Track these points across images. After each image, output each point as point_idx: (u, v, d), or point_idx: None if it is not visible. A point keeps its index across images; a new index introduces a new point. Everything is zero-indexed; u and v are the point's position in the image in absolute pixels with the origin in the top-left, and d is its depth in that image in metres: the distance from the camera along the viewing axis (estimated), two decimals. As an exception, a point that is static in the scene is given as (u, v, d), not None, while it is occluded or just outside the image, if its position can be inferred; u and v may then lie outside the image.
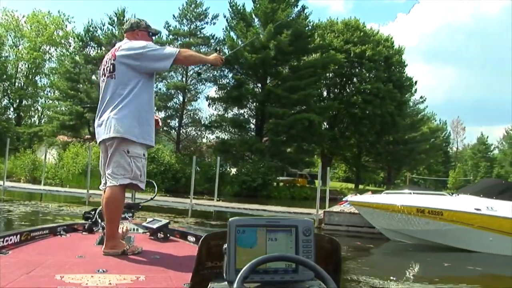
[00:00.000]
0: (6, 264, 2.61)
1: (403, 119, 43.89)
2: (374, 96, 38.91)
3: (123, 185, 3.29)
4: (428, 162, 59.18)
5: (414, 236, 11.13)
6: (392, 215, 11.45)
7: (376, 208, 11.88)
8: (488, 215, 10.32)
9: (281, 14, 35.94)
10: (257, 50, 35.40)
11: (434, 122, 70.35)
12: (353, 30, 42.33)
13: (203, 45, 39.61)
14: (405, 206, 11.08)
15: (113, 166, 3.30)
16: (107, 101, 3.35)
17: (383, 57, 42.07)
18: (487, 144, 79.32)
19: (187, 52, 3.52)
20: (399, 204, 11.18)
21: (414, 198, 11.62)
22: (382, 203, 11.84)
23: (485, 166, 74.65)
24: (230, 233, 1.55)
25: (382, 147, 44.34)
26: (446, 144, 74.22)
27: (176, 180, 31.15)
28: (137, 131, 3.31)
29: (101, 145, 3.43)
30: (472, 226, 10.36)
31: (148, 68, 3.34)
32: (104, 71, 3.42)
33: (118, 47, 3.45)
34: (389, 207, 11.47)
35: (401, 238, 11.54)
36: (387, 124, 40.40)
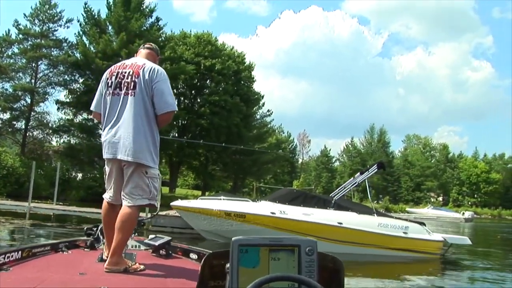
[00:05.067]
0: (7, 281, 2.65)
1: (248, 130, 47.47)
2: (221, 108, 42.31)
3: (140, 205, 3.48)
4: (274, 171, 63.98)
5: (224, 236, 12.43)
6: (206, 218, 13.02)
7: (194, 212, 13.41)
8: (280, 218, 12.35)
9: (134, 24, 38.00)
10: (109, 56, 36.47)
11: (282, 134, 76.43)
12: (205, 44, 45.48)
13: (55, 47, 39.79)
14: (216, 210, 12.72)
15: (131, 187, 3.44)
16: (126, 119, 3.45)
17: (233, 72, 45.79)
18: (330, 156, 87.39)
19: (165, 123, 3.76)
20: (214, 209, 12.79)
21: (224, 203, 13.25)
22: (198, 207, 13.41)
23: (326, 177, 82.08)
24: (232, 253, 1.59)
25: (228, 157, 46.96)
26: (293, 156, 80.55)
27: (20, 184, 30.67)
28: (154, 155, 3.53)
29: (113, 160, 3.55)
30: (268, 227, 12.21)
31: (158, 104, 3.52)
32: (120, 85, 3.52)
33: (141, 64, 3.60)
34: (204, 211, 13.08)
35: (215, 237, 13.04)
36: (233, 135, 43.60)
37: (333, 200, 13.36)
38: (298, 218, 12.44)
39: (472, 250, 16.33)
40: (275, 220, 12.36)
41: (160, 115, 3.52)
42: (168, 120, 3.67)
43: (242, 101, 45.30)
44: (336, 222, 12.43)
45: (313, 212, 12.65)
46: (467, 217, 49.67)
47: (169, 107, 3.53)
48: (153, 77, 3.49)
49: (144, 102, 3.46)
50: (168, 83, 3.60)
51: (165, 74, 3.60)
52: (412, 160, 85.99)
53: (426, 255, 13.03)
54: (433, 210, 57.07)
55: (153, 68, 3.55)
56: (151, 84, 3.47)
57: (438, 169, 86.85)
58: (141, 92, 3.45)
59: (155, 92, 3.47)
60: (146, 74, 3.48)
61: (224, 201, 13.68)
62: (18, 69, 39.35)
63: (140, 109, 3.44)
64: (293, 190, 17.18)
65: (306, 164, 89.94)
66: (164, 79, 3.56)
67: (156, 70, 3.54)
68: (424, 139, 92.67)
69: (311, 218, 12.43)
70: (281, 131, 77.10)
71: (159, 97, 3.48)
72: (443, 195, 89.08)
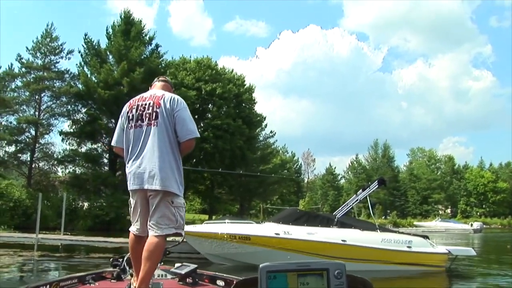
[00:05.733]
0: None
1: (252, 152, 47.76)
2: (224, 132, 42.67)
3: (167, 235, 3.50)
4: (280, 192, 64.11)
5: (230, 259, 12.68)
6: (212, 242, 13.08)
7: (199, 237, 13.40)
8: (285, 238, 12.51)
9: (134, 52, 38.51)
10: (110, 86, 37.27)
11: (287, 154, 76.66)
12: (205, 69, 46.06)
13: (57, 79, 40.31)
14: (221, 233, 12.81)
15: (157, 216, 3.47)
16: (150, 149, 3.53)
17: (233, 95, 46.32)
18: (335, 174, 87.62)
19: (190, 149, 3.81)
20: (219, 232, 12.87)
21: (228, 226, 13.39)
22: (204, 231, 13.48)
23: (333, 195, 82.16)
24: (261, 279, 1.60)
25: (233, 180, 47.21)
26: (298, 175, 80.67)
27: (27, 216, 30.63)
28: (179, 183, 3.58)
29: (139, 191, 3.59)
30: (273, 248, 12.34)
31: (181, 131, 3.61)
32: (142, 117, 3.61)
33: (161, 95, 3.70)
34: (209, 235, 13.15)
35: (222, 261, 13.03)
36: (237, 157, 43.95)
37: (336, 218, 13.54)
38: (302, 237, 12.61)
39: (480, 261, 16.40)
40: (280, 240, 12.52)
41: (183, 142, 3.61)
42: (191, 146, 3.73)
43: (244, 123, 45.68)
44: (340, 239, 12.58)
45: (317, 231, 12.81)
46: (476, 228, 49.45)
47: (192, 134, 3.62)
48: (174, 106, 3.59)
49: (167, 131, 3.54)
50: (188, 111, 3.68)
51: (184, 102, 3.70)
52: (418, 174, 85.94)
53: (432, 268, 13.12)
54: (441, 222, 56.91)
55: (173, 97, 3.65)
56: (172, 113, 3.56)
57: (444, 181, 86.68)
58: (163, 122, 3.53)
59: (177, 120, 3.56)
60: (167, 103, 3.58)
61: (228, 224, 13.84)
62: (22, 102, 39.75)
63: (164, 138, 3.52)
64: (296, 210, 17.32)
65: (312, 183, 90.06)
66: (185, 107, 3.66)
67: (176, 99, 3.65)
68: (429, 151, 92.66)
69: (315, 237, 12.59)
70: (285, 151, 77.70)
71: (181, 125, 3.57)
72: (451, 207, 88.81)
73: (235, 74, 49.80)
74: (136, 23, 40.99)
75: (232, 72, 49.94)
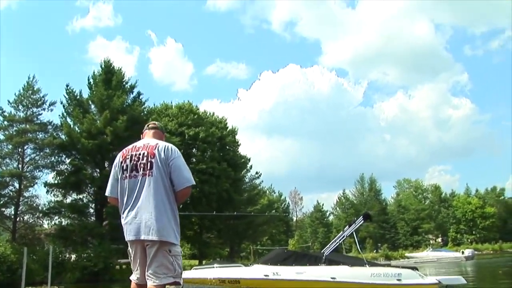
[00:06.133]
0: None
1: (239, 195, 47.75)
2: (209, 175, 42.53)
3: (165, 284, 3.51)
4: (269, 233, 63.77)
5: None
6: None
7: (189, 283, 13.05)
8: (274, 280, 12.48)
9: (116, 101, 38.75)
10: (93, 135, 37.25)
11: (274, 194, 76.64)
12: (187, 113, 46.52)
13: (40, 131, 40.03)
14: (211, 278, 12.67)
15: (155, 266, 3.49)
16: (146, 199, 3.55)
17: (217, 138, 46.53)
18: (323, 210, 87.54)
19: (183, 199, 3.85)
20: (208, 277, 12.75)
21: (217, 271, 13.34)
22: (193, 277, 13.28)
23: (323, 232, 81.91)
24: None
25: (221, 223, 47.11)
26: (286, 214, 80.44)
27: (12, 271, 29.29)
28: (176, 232, 3.61)
29: (136, 241, 3.62)
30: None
31: (177, 180, 3.66)
32: (136, 167, 3.64)
33: (154, 144, 3.74)
34: (199, 281, 13.00)
35: None
36: (224, 200, 43.91)
37: (324, 256, 13.57)
38: (291, 277, 12.57)
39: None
40: (269, 282, 12.51)
41: (180, 191, 3.63)
42: (188, 194, 3.76)
43: (229, 166, 45.79)
44: (329, 277, 12.55)
45: (306, 270, 12.79)
46: (468, 255, 49.48)
47: (188, 182, 3.64)
48: (169, 155, 3.62)
49: (163, 180, 3.56)
50: (182, 159, 3.73)
51: (178, 150, 3.76)
52: (406, 205, 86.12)
53: None
54: (432, 252, 56.89)
55: (167, 146, 3.70)
56: (167, 162, 3.59)
57: (433, 210, 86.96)
58: (158, 171, 3.56)
59: (172, 169, 3.59)
60: (162, 153, 3.62)
61: (217, 268, 13.79)
62: (5, 155, 39.31)
63: (160, 187, 3.54)
64: (284, 250, 17.35)
65: (301, 221, 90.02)
66: (179, 156, 3.70)
67: (170, 148, 3.70)
68: (415, 182, 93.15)
69: (304, 276, 12.55)
70: (272, 191, 77.62)
71: (177, 173, 3.60)
72: (441, 236, 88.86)
73: (217, 117, 50.22)
74: (117, 72, 41.38)
75: (213, 115, 50.34)
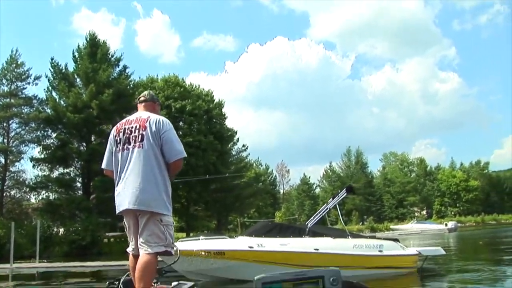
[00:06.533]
0: None
1: (226, 167, 47.76)
2: (196, 148, 42.49)
3: (158, 253, 3.56)
4: (256, 205, 64.26)
5: (207, 274, 12.68)
6: (188, 259, 12.66)
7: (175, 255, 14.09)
8: (258, 251, 12.54)
9: (102, 74, 38.62)
10: (79, 109, 37.22)
11: (260, 167, 77.00)
12: (173, 86, 46.29)
13: (25, 105, 40.04)
14: (196, 250, 12.57)
15: (146, 234, 3.54)
16: (135, 170, 3.61)
17: (203, 111, 46.37)
18: (310, 183, 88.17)
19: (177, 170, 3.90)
20: (194, 249, 12.60)
21: (203, 243, 13.31)
22: (179, 249, 14.02)
23: (309, 204, 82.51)
24: None
25: (209, 196, 47.10)
26: (273, 187, 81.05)
27: (0, 246, 29.29)
28: (167, 202, 3.69)
29: (128, 212, 3.67)
30: (248, 261, 12.33)
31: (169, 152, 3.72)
32: (129, 140, 3.71)
33: (146, 117, 3.80)
34: (184, 253, 12.38)
35: (199, 277, 12.88)
36: (211, 173, 43.88)
37: (307, 228, 13.83)
38: (275, 249, 12.74)
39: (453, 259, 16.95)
40: (253, 253, 12.60)
41: (171, 163, 3.70)
42: (180, 166, 3.81)
43: (216, 139, 45.83)
44: (313, 248, 12.77)
45: (290, 241, 12.99)
46: (451, 227, 50.35)
47: (180, 154, 3.72)
48: (160, 127, 3.68)
49: (154, 152, 3.62)
50: (174, 131, 3.81)
51: (170, 123, 3.81)
52: (392, 178, 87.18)
53: (403, 269, 13.48)
54: (417, 224, 57.92)
55: (159, 119, 3.76)
56: (159, 135, 3.65)
57: (418, 184, 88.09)
58: (149, 143, 3.62)
59: (164, 142, 3.65)
60: (153, 126, 3.68)
61: (203, 240, 13.86)
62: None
63: (151, 159, 3.59)
64: (268, 222, 17.54)
65: (288, 194, 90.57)
66: (171, 128, 3.77)
67: (162, 121, 3.76)
68: (401, 155, 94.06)
69: (288, 248, 12.75)
70: (259, 164, 77.97)
71: (169, 146, 3.67)
72: (426, 208, 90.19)
73: (203, 90, 50.03)
74: (102, 45, 41.11)
75: (198, 87, 50.15)
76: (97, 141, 40.07)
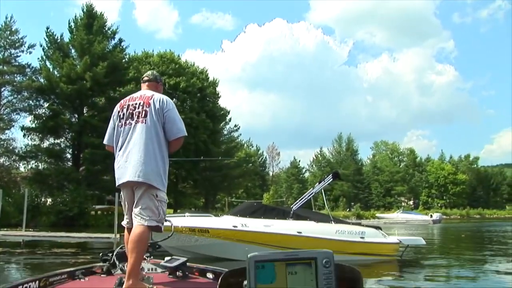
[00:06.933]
0: None
1: (216, 146, 48.04)
2: (188, 126, 41.43)
3: (150, 227, 3.60)
4: (244, 186, 64.67)
5: (190, 251, 12.63)
6: (173, 235, 13.95)
7: None
8: (242, 230, 12.76)
9: (97, 47, 38.47)
10: (73, 80, 37.15)
11: (251, 148, 77.22)
12: (168, 63, 46.37)
13: (18, 73, 39.80)
14: (181, 227, 12.69)
15: (141, 207, 3.59)
16: (137, 144, 3.69)
17: (197, 89, 46.47)
18: (300, 167, 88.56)
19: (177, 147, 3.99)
20: (179, 226, 12.63)
21: (188, 220, 13.55)
22: (164, 225, 14.34)
23: (297, 187, 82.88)
24: (249, 269, 1.61)
25: (198, 174, 47.44)
26: (263, 168, 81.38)
27: None
28: (163, 179, 3.72)
29: (125, 184, 3.73)
30: (231, 240, 12.61)
31: (171, 130, 3.77)
32: (132, 115, 3.80)
33: (150, 95, 3.88)
34: (169, 229, 13.87)
35: (182, 253, 12.88)
36: (202, 152, 44.04)
37: (292, 211, 14.06)
38: (259, 229, 12.94)
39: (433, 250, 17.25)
40: (237, 233, 12.83)
41: (172, 141, 3.78)
42: (180, 144, 3.91)
43: (208, 117, 46.00)
44: (296, 231, 12.99)
45: (273, 223, 13.19)
46: (435, 219, 50.98)
47: (181, 133, 3.80)
48: (163, 106, 3.75)
49: (156, 128, 3.69)
50: (176, 111, 3.86)
51: (172, 103, 3.89)
52: (381, 167, 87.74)
53: (384, 257, 13.78)
54: (402, 214, 58.54)
55: (162, 98, 3.83)
56: (162, 113, 3.72)
57: (407, 174, 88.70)
58: (152, 120, 3.69)
59: (167, 120, 3.72)
60: (157, 103, 3.75)
61: (188, 218, 14.13)
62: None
63: (152, 134, 3.67)
64: (253, 203, 17.58)
65: (277, 176, 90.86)
66: (173, 107, 3.84)
67: (165, 100, 3.83)
68: (392, 145, 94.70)
69: (271, 229, 12.95)
70: (250, 145, 78.16)
71: (171, 124, 3.74)
72: (413, 199, 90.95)
73: (198, 68, 50.00)
74: (99, 16, 40.94)
75: (193, 65, 50.10)
76: (89, 113, 40.17)
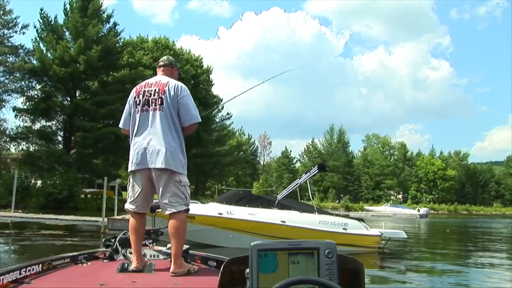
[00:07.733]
0: None
1: (208, 134, 48.26)
2: (180, 113, 42.43)
3: (182, 211, 3.75)
4: (235, 174, 65.00)
5: None
6: (159, 221, 14.13)
7: (147, 215, 14.56)
8: (227, 218, 13.01)
9: (91, 30, 38.42)
10: (66, 63, 37.11)
11: (243, 136, 77.45)
12: (163, 49, 46.32)
13: (10, 54, 39.42)
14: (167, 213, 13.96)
15: (169, 196, 3.73)
16: (156, 130, 3.80)
17: (191, 76, 46.52)
18: (291, 157, 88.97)
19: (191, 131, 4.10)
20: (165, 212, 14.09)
21: None
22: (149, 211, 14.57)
23: (288, 177, 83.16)
24: (252, 258, 1.61)
25: (188, 161, 47.05)
26: (254, 157, 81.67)
27: None
28: (184, 164, 3.85)
29: (142, 170, 3.83)
30: (216, 227, 12.87)
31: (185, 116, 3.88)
32: (148, 102, 3.88)
33: (166, 82, 3.96)
34: (156, 215, 14.13)
35: (167, 238, 14.41)
36: (193, 138, 44.28)
37: (277, 200, 14.36)
38: (243, 217, 13.20)
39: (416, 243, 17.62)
40: (222, 220, 13.08)
41: (186, 127, 3.90)
42: (193, 130, 4.04)
43: (200, 105, 45.87)
44: (280, 220, 13.24)
45: (258, 212, 13.45)
46: (422, 213, 51.66)
47: (194, 119, 3.91)
48: (178, 93, 3.85)
49: (172, 115, 3.79)
50: (191, 97, 3.96)
51: (187, 89, 3.97)
52: (372, 160, 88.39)
53: (365, 249, 14.06)
54: (390, 207, 59.08)
55: (177, 85, 3.92)
56: (176, 99, 3.83)
57: (397, 168, 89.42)
58: (168, 107, 3.79)
59: (181, 106, 3.83)
60: (172, 90, 3.85)
61: None
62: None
63: (169, 122, 3.77)
64: (239, 191, 17.85)
65: (268, 165, 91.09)
66: (188, 94, 3.94)
67: (180, 87, 3.92)
68: (383, 138, 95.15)
69: (255, 218, 13.22)
70: (242, 133, 78.38)
71: (185, 111, 3.85)
72: (402, 193, 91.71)
73: (193, 55, 50.05)
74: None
75: (189, 52, 50.16)
76: (81, 96, 40.16)
